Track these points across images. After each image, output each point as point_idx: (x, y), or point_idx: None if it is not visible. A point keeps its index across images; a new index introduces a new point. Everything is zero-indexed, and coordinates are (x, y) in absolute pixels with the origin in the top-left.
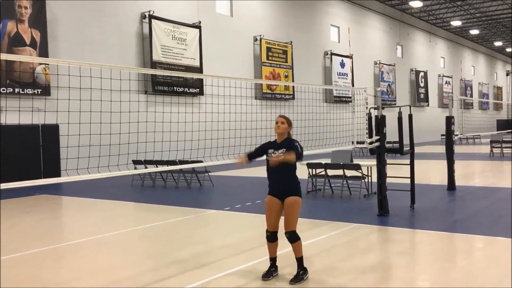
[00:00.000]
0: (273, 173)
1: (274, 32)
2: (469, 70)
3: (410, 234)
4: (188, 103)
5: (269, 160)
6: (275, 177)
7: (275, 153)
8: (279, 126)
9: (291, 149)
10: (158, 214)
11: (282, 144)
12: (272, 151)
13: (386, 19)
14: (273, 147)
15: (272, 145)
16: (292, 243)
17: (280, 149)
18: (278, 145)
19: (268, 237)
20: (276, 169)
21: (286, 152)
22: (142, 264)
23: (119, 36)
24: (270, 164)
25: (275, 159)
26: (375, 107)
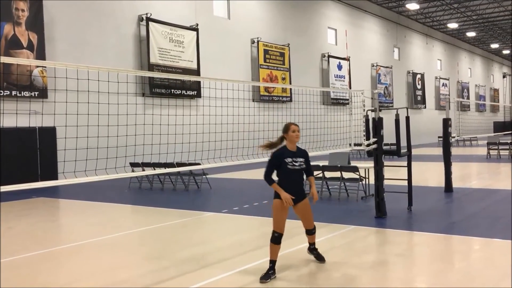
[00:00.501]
0: (293, 181)
1: (271, 34)
2: (466, 72)
3: (407, 236)
4: (186, 105)
5: (313, 197)
6: (291, 183)
7: (297, 161)
8: (298, 135)
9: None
10: (156, 217)
11: (298, 153)
12: (291, 160)
13: (383, 22)
14: (289, 156)
15: (287, 153)
16: (309, 235)
17: (299, 158)
18: (295, 154)
19: (275, 239)
20: (292, 177)
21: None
22: (140, 266)
23: (117, 39)
24: (314, 202)
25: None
26: (372, 109)
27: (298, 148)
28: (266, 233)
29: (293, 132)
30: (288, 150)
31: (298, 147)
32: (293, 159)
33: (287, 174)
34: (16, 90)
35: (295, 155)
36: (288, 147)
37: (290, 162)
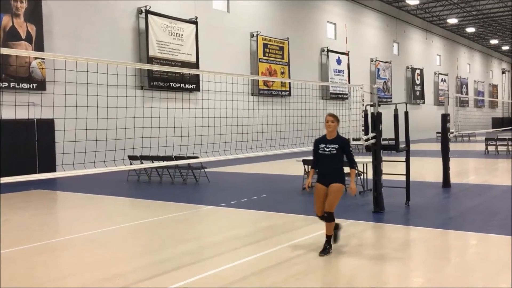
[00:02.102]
0: (326, 163)
1: (270, 28)
2: (465, 68)
3: (405, 231)
4: (185, 98)
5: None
6: (322, 166)
7: (328, 147)
8: (330, 125)
9: (343, 148)
10: (153, 210)
11: (333, 140)
12: (323, 146)
13: (383, 16)
14: (324, 143)
15: (323, 140)
16: (327, 222)
17: (332, 144)
18: (329, 141)
19: (322, 219)
20: (323, 161)
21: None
22: (136, 261)
23: (116, 31)
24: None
25: (354, 187)
26: (371, 104)
27: (338, 136)
28: (264, 227)
29: (327, 122)
30: (325, 137)
31: (338, 135)
32: (326, 145)
33: (320, 158)
34: (15, 82)
35: (330, 142)
36: (327, 135)
37: (322, 148)
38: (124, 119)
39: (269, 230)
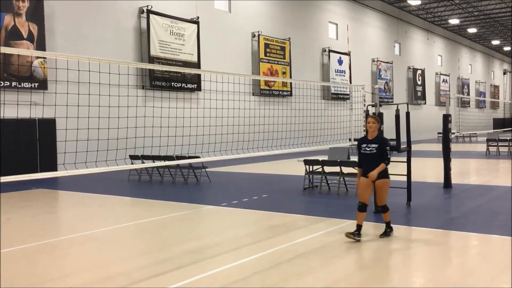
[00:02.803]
0: (367, 162)
1: (272, 28)
2: (467, 69)
3: (406, 231)
4: (186, 98)
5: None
6: (369, 165)
7: (369, 147)
8: (371, 126)
9: (382, 148)
10: (155, 210)
11: (373, 140)
12: (365, 146)
13: (384, 17)
14: (365, 142)
15: (364, 140)
16: (383, 213)
17: (372, 144)
18: (370, 141)
19: (359, 207)
20: (365, 159)
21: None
22: (138, 260)
23: (117, 31)
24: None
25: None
26: (372, 104)
27: (377, 136)
28: (265, 227)
29: (368, 123)
30: (366, 137)
31: (378, 135)
32: (367, 145)
33: (362, 156)
34: (17, 81)
35: (370, 142)
36: (368, 135)
37: (363, 148)
38: (125, 119)
39: (270, 230)
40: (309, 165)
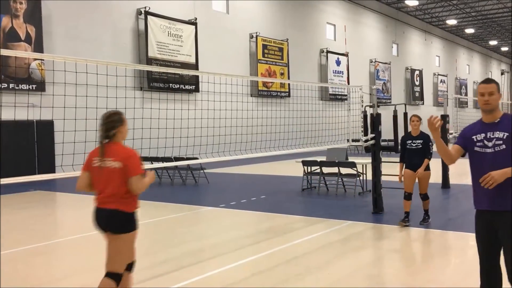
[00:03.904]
0: (412, 157)
1: (270, 29)
2: (464, 69)
3: (404, 232)
4: (184, 100)
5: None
6: (410, 159)
7: (414, 143)
8: (415, 124)
9: (427, 143)
10: (153, 211)
11: (418, 136)
12: (410, 142)
13: (382, 18)
14: (410, 139)
15: (409, 137)
16: (423, 201)
17: (417, 140)
18: (415, 138)
19: (406, 197)
20: (410, 154)
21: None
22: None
23: (115, 32)
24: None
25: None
26: (370, 105)
27: (421, 133)
28: (264, 228)
29: (412, 122)
30: (410, 134)
31: (422, 132)
32: (412, 141)
33: (408, 152)
34: (14, 83)
35: (415, 138)
36: (411, 132)
37: (409, 144)
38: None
39: (269, 231)
40: (307, 166)
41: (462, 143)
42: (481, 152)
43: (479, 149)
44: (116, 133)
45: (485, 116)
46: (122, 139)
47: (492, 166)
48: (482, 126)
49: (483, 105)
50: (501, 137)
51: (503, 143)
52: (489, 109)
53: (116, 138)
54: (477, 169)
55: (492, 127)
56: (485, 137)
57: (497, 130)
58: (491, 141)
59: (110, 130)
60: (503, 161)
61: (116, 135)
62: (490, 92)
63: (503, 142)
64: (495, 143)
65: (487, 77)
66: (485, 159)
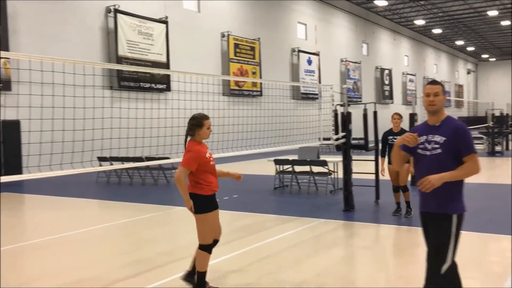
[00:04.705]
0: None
1: (241, 28)
2: (432, 68)
3: (374, 229)
4: (156, 99)
5: None
6: None
7: (395, 139)
8: (396, 121)
9: None
10: (124, 212)
11: (399, 133)
12: (392, 138)
13: (352, 17)
14: (392, 135)
15: (390, 133)
16: (404, 193)
17: (398, 136)
18: (396, 134)
19: (394, 189)
20: None
21: None
22: (108, 262)
23: (84, 31)
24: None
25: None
26: (341, 104)
27: (402, 129)
28: (236, 227)
29: (394, 119)
30: (392, 131)
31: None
32: (393, 137)
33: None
34: None
35: (396, 134)
36: (393, 129)
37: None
38: (92, 120)
39: (241, 230)
40: (280, 164)
41: (406, 147)
42: (422, 154)
43: (420, 151)
44: (194, 134)
45: (430, 117)
46: (202, 138)
47: (429, 170)
48: (426, 128)
49: (428, 105)
50: (439, 141)
51: (439, 148)
52: (433, 110)
53: (196, 137)
54: (418, 171)
55: (433, 130)
56: (426, 139)
57: (436, 134)
58: (430, 144)
59: (189, 131)
60: (439, 165)
61: (195, 135)
62: (435, 93)
63: (439, 147)
64: (433, 146)
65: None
66: (424, 161)
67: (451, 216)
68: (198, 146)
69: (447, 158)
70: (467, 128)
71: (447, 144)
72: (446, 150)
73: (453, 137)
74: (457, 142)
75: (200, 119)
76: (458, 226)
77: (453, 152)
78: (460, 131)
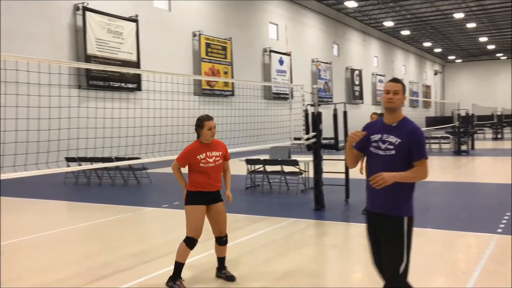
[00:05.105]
0: None
1: (213, 28)
2: (401, 69)
3: (344, 227)
4: (125, 98)
5: None
6: None
7: None
8: (373, 118)
9: None
10: (93, 213)
11: None
12: None
13: (323, 18)
14: None
15: None
16: None
17: None
18: None
19: None
20: None
21: None
22: (77, 265)
23: (51, 28)
24: None
25: None
26: (311, 104)
27: None
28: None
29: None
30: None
31: None
32: None
33: None
34: None
35: None
36: None
37: None
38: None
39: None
40: (251, 164)
41: (359, 145)
42: (374, 153)
43: (373, 150)
44: (199, 135)
45: (387, 116)
46: (205, 139)
47: (382, 170)
48: (381, 126)
49: (386, 102)
50: (393, 142)
51: (393, 149)
52: (391, 108)
53: (200, 138)
54: (369, 169)
55: (389, 129)
56: (380, 138)
57: (392, 134)
58: (384, 144)
59: (196, 132)
60: (391, 166)
61: (200, 136)
62: (395, 91)
63: (393, 148)
64: (387, 146)
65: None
66: (377, 160)
67: (403, 218)
68: (194, 145)
69: (400, 160)
70: (422, 132)
71: (402, 146)
72: (400, 152)
73: (408, 140)
74: (411, 145)
75: (202, 120)
76: (410, 227)
77: (406, 155)
78: (415, 135)
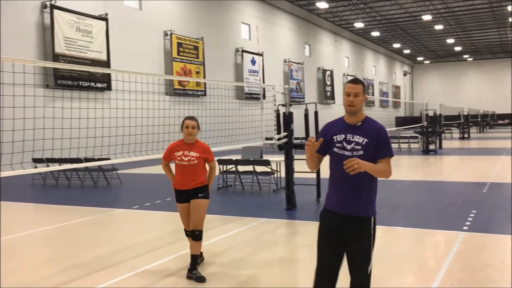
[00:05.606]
0: None
1: (185, 27)
2: (371, 70)
3: (315, 227)
4: (94, 98)
5: None
6: None
7: None
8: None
9: None
10: (61, 215)
11: None
12: None
13: (295, 19)
14: None
15: None
16: None
17: None
18: None
19: None
20: None
21: None
22: (44, 268)
23: (17, 26)
24: None
25: None
26: (283, 104)
27: None
28: (179, 228)
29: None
30: None
31: None
32: None
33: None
34: None
35: None
36: None
37: None
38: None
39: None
40: (223, 164)
41: (321, 150)
42: (339, 153)
43: (337, 150)
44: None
45: (348, 117)
46: (184, 138)
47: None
48: (343, 127)
49: (347, 106)
50: (360, 142)
51: (361, 149)
52: (352, 111)
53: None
54: (334, 170)
55: (353, 129)
56: (344, 138)
57: (357, 134)
58: (350, 144)
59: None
60: None
61: None
62: (355, 93)
63: (361, 148)
64: (353, 147)
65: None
66: (343, 160)
67: (371, 218)
68: (177, 142)
69: (368, 159)
70: (387, 130)
71: (369, 146)
72: (368, 151)
73: (375, 139)
74: (378, 144)
75: (184, 119)
76: (375, 227)
77: (373, 154)
78: (382, 134)
